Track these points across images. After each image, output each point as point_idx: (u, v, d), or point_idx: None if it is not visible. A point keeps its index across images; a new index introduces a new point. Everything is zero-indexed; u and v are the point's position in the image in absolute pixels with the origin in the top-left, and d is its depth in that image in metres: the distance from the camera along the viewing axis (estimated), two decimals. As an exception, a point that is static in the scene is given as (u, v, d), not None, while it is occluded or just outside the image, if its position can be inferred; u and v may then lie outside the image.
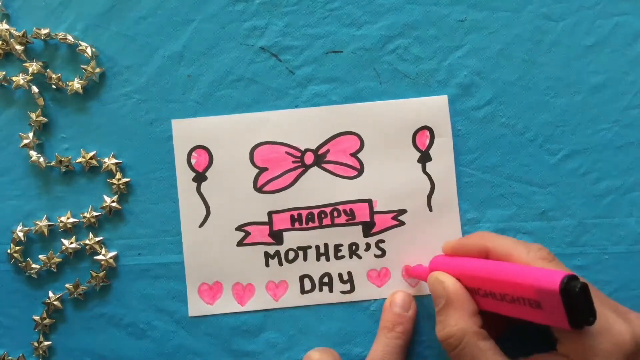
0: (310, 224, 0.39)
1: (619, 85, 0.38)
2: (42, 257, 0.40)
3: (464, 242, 0.35)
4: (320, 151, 0.39)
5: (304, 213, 0.39)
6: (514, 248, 0.33)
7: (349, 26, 0.39)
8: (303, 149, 0.39)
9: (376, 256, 0.39)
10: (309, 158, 0.39)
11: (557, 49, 0.38)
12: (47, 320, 0.40)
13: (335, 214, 0.39)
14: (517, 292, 0.30)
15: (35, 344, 0.40)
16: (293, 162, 0.39)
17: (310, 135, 0.39)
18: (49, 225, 0.40)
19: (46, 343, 0.40)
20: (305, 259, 0.39)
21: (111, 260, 0.39)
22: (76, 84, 0.39)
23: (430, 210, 0.39)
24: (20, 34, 0.39)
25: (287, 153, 0.39)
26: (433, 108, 0.39)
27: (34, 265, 0.40)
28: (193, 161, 0.39)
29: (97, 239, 0.40)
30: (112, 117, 0.40)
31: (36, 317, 0.40)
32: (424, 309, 0.39)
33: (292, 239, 0.39)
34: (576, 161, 0.38)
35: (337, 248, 0.39)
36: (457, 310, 0.32)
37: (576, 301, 0.28)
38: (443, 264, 0.35)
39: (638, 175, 0.38)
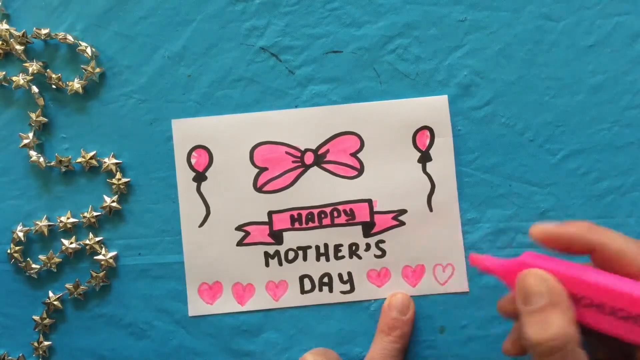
0: (310, 224, 0.39)
1: (619, 85, 0.38)
2: (42, 257, 0.40)
3: (565, 231, 0.30)
4: (320, 151, 0.39)
5: (304, 213, 0.39)
6: (627, 245, 0.28)
7: (349, 26, 0.39)
8: (303, 149, 0.39)
9: (376, 256, 0.39)
10: (309, 158, 0.39)
11: (557, 49, 0.38)
12: (47, 320, 0.40)
13: (335, 214, 0.39)
14: (639, 309, 0.27)
15: (35, 344, 0.40)
16: (293, 162, 0.39)
17: (310, 135, 0.39)
18: (49, 225, 0.40)
19: (46, 343, 0.40)
20: (305, 259, 0.39)
21: (111, 260, 0.39)
22: (76, 84, 0.39)
23: (431, 210, 0.39)
24: (20, 34, 0.39)
25: (287, 153, 0.39)
26: (433, 108, 0.39)
27: (34, 265, 0.40)
28: (193, 161, 0.39)
29: (97, 239, 0.40)
30: (112, 117, 0.40)
31: (36, 317, 0.40)
32: (423, 309, 0.39)
33: (292, 239, 0.39)
34: (576, 161, 0.38)
35: (337, 248, 0.39)
36: (563, 313, 0.28)
37: None
38: (541, 261, 0.30)
39: (638, 175, 0.38)
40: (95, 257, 0.39)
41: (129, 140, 0.40)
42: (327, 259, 0.39)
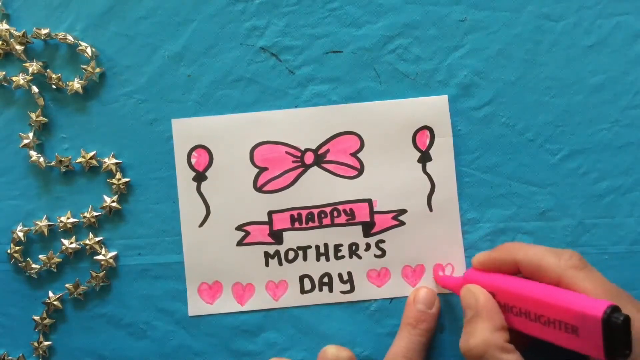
0: (310, 224, 0.39)
1: (619, 85, 0.38)
2: (42, 257, 0.40)
3: (494, 257, 0.35)
4: (320, 151, 0.39)
5: (304, 213, 0.39)
6: (543, 258, 0.32)
7: (349, 26, 0.39)
8: (303, 149, 0.39)
9: (376, 256, 0.39)
10: (309, 158, 0.39)
11: (557, 49, 0.38)
12: (47, 320, 0.40)
13: (335, 213, 0.39)
14: (556, 315, 0.30)
15: (35, 344, 0.40)
16: (293, 161, 0.39)
17: (310, 135, 0.39)
18: (49, 225, 0.40)
19: (46, 343, 0.40)
20: (305, 258, 0.39)
21: (111, 260, 0.39)
22: (76, 84, 0.39)
23: (431, 210, 0.39)
24: (20, 34, 0.39)
25: (287, 153, 0.39)
26: (433, 108, 0.39)
27: (34, 265, 0.40)
28: (193, 161, 0.39)
29: (97, 239, 0.40)
30: (112, 117, 0.40)
31: (36, 317, 0.40)
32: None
33: (292, 239, 0.39)
34: (576, 161, 0.38)
35: (337, 248, 0.39)
36: (484, 323, 0.32)
37: (616, 333, 0.28)
38: (479, 277, 0.35)
39: (638, 175, 0.38)
40: (95, 257, 0.39)
41: (129, 140, 0.40)
42: (327, 259, 0.39)
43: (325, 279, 0.39)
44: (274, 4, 0.39)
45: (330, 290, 0.39)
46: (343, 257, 0.39)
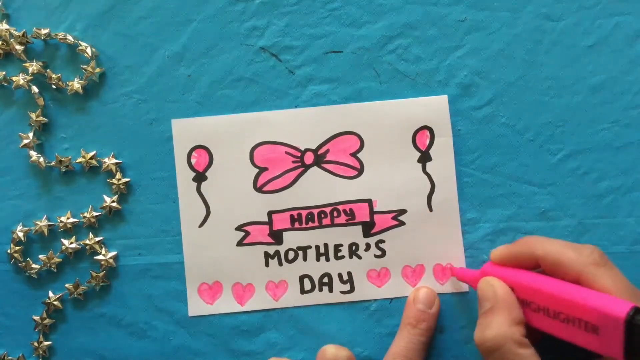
0: (310, 224, 0.39)
1: (619, 85, 0.38)
2: (42, 257, 0.40)
3: (513, 251, 0.34)
4: (320, 151, 0.39)
5: (304, 213, 0.39)
6: (564, 253, 0.31)
7: (349, 26, 0.39)
8: (303, 149, 0.39)
9: (376, 256, 0.39)
10: (308, 158, 0.39)
11: (557, 49, 0.38)
12: (47, 320, 0.40)
13: (335, 214, 0.39)
14: (576, 313, 0.29)
15: (35, 344, 0.40)
16: (293, 162, 0.39)
17: (310, 135, 0.39)
18: (49, 225, 0.40)
19: (46, 343, 0.40)
20: (305, 259, 0.39)
21: (111, 260, 0.39)
22: (76, 84, 0.39)
23: (430, 210, 0.39)
24: (20, 34, 0.39)
25: (287, 153, 0.39)
26: (433, 108, 0.39)
27: (34, 265, 0.40)
28: (193, 161, 0.39)
29: (97, 239, 0.40)
30: (112, 117, 0.40)
31: (36, 317, 0.40)
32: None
33: (292, 239, 0.39)
34: (576, 161, 0.38)
35: (337, 248, 0.39)
36: (501, 316, 0.31)
37: (638, 335, 0.27)
38: (497, 271, 0.34)
39: (638, 175, 0.38)
40: (95, 257, 0.39)
41: (129, 140, 0.40)
42: (327, 259, 0.39)
43: (325, 279, 0.39)
44: (274, 4, 0.39)
45: (330, 290, 0.39)
46: (343, 257, 0.39)
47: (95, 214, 0.40)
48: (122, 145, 0.40)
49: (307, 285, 0.39)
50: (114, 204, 0.39)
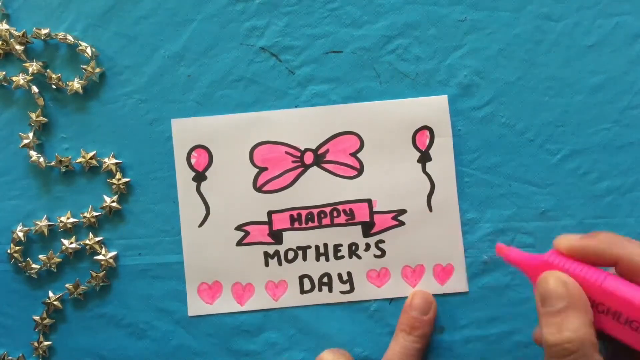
0: (310, 224, 0.39)
1: (619, 85, 0.38)
2: (42, 257, 0.40)
3: (588, 245, 0.31)
4: (320, 151, 0.39)
5: (304, 213, 0.39)
6: None
7: (349, 26, 0.39)
8: (303, 149, 0.39)
9: (376, 256, 0.39)
10: (308, 158, 0.39)
11: (557, 49, 0.38)
12: (47, 320, 0.40)
13: (335, 213, 0.39)
14: None
15: (35, 344, 0.40)
16: (293, 161, 0.39)
17: (310, 135, 0.39)
18: (49, 225, 0.40)
19: (46, 343, 0.40)
20: (304, 258, 0.39)
21: (111, 260, 0.39)
22: (76, 84, 0.39)
23: (430, 210, 0.39)
24: (20, 34, 0.39)
25: (286, 153, 0.39)
26: (433, 108, 0.39)
27: (34, 265, 0.40)
28: (193, 161, 0.39)
29: (97, 239, 0.40)
30: (112, 117, 0.40)
31: (36, 317, 0.40)
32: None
33: (291, 239, 0.39)
34: (576, 161, 0.38)
35: (337, 248, 0.39)
36: (579, 316, 0.29)
37: None
38: (565, 263, 0.31)
39: (638, 175, 0.38)
40: (95, 257, 0.39)
41: (129, 140, 0.40)
42: (327, 259, 0.39)
43: (325, 279, 0.39)
44: (274, 4, 0.39)
45: (330, 290, 0.39)
46: (343, 257, 0.39)
47: (95, 214, 0.40)
48: (122, 145, 0.40)
49: (307, 285, 0.39)
50: (114, 204, 0.39)
